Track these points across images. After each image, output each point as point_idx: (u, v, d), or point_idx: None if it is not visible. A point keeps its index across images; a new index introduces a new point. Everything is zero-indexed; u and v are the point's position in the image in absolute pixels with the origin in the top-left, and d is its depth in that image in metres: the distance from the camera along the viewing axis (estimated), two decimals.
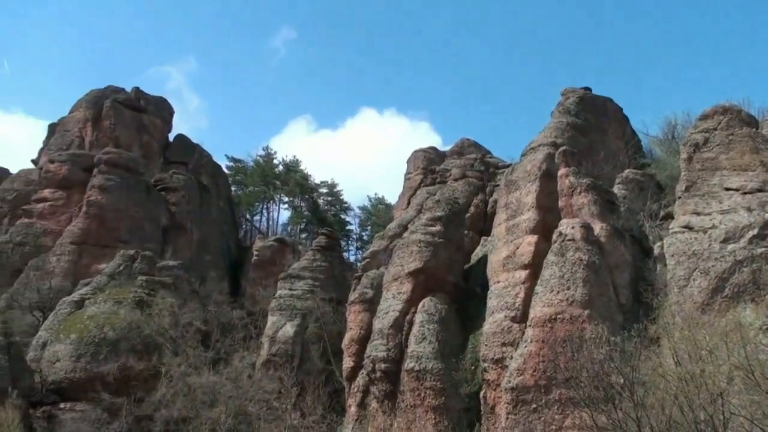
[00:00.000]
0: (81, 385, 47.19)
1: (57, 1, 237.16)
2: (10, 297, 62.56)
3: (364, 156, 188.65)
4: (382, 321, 40.51)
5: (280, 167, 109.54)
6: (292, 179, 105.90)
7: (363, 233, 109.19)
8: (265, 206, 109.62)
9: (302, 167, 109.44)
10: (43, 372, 48.30)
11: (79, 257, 66.96)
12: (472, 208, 53.33)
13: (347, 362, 43.55)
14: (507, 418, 31.58)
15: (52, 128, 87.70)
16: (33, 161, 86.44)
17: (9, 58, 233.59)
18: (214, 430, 38.20)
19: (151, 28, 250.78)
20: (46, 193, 74.22)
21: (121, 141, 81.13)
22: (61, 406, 46.98)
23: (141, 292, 53.86)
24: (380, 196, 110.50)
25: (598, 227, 34.78)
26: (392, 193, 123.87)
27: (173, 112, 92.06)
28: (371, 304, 44.06)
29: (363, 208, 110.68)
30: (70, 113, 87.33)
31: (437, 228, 43.07)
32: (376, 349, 39.66)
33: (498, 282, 36.98)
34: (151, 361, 47.84)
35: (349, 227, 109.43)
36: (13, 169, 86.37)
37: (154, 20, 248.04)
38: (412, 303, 40.59)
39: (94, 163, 72.99)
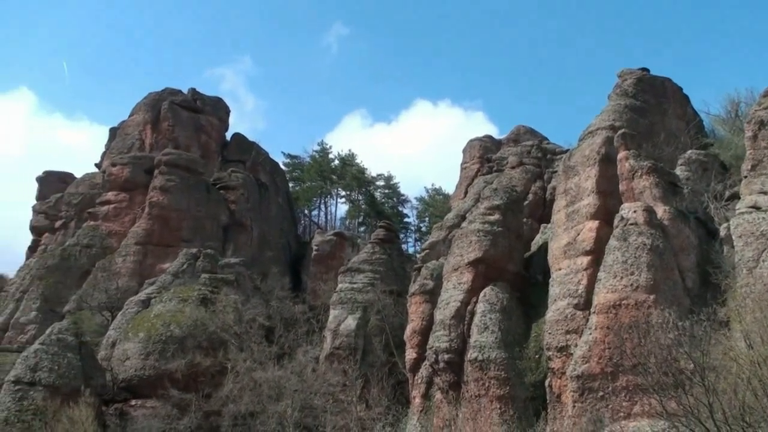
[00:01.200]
0: (150, 382, 48.21)
1: (113, 5, 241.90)
2: (79, 298, 64.42)
3: (420, 148, 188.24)
4: (444, 312, 40.36)
5: (336, 162, 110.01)
6: (348, 173, 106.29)
7: (421, 225, 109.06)
8: (322, 201, 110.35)
9: (358, 161, 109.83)
10: (113, 370, 49.50)
11: (143, 257, 68.48)
12: (530, 196, 52.73)
13: (410, 354, 43.56)
14: (574, 407, 31.21)
15: (113, 132, 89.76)
16: (96, 165, 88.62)
17: (68, 62, 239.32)
18: (281, 424, 38.65)
19: (206, 31, 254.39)
20: (110, 195, 76.02)
21: (180, 142, 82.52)
22: (132, 403, 48.08)
23: (204, 290, 54.77)
24: (437, 187, 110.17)
25: (661, 210, 34.05)
26: (449, 184, 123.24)
27: (229, 112, 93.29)
28: (432, 295, 43.94)
29: (420, 200, 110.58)
30: (129, 117, 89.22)
31: (496, 217, 42.69)
32: (439, 339, 39.55)
33: (559, 269, 36.52)
34: (217, 358, 48.60)
35: (406, 219, 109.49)
36: (78, 174, 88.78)
37: (208, 23, 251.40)
38: (472, 293, 40.32)
39: (154, 165, 74.46)
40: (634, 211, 33.75)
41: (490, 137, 79.91)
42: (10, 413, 40.84)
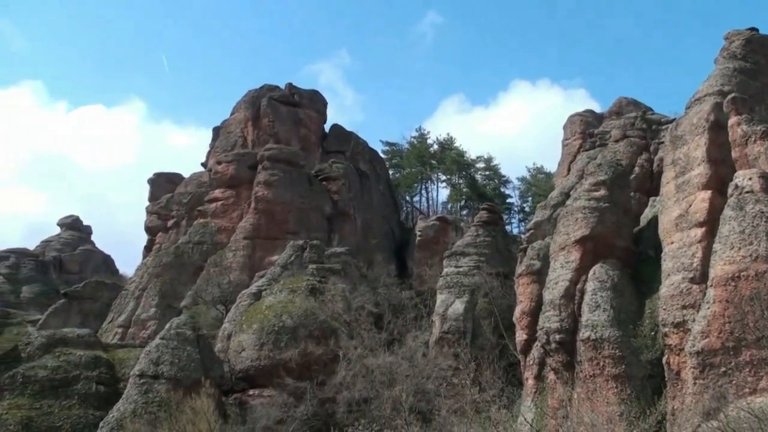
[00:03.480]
0: (266, 372, 49.46)
1: (208, 6, 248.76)
2: (194, 293, 66.76)
3: (520, 128, 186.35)
4: (552, 291, 39.71)
5: (435, 146, 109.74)
6: (448, 157, 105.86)
7: (524, 205, 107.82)
8: (423, 186, 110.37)
9: (457, 144, 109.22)
10: (230, 361, 51.01)
11: (252, 251, 70.34)
12: (636, 169, 51.15)
13: (520, 335, 43.09)
14: (695, 384, 30.20)
15: (217, 131, 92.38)
16: (202, 164, 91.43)
17: (174, 69, 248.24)
18: (396, 409, 38.96)
19: (302, 28, 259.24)
20: (217, 193, 78.31)
21: (281, 136, 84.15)
22: (250, 392, 49.46)
23: (313, 280, 55.72)
24: (539, 166, 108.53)
25: None
26: (551, 162, 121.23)
27: (326, 103, 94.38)
28: (539, 276, 43.26)
29: (522, 180, 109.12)
30: (231, 115, 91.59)
31: (602, 192, 41.62)
32: (549, 320, 38.94)
33: (672, 243, 35.32)
34: (328, 346, 49.40)
35: (509, 200, 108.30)
36: (186, 174, 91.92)
37: (304, 20, 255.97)
38: (581, 271, 39.48)
39: (257, 161, 76.20)
40: (749, 179, 32.25)
41: (591, 111, 78.05)
42: (137, 405, 42.63)
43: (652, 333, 35.65)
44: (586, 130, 70.48)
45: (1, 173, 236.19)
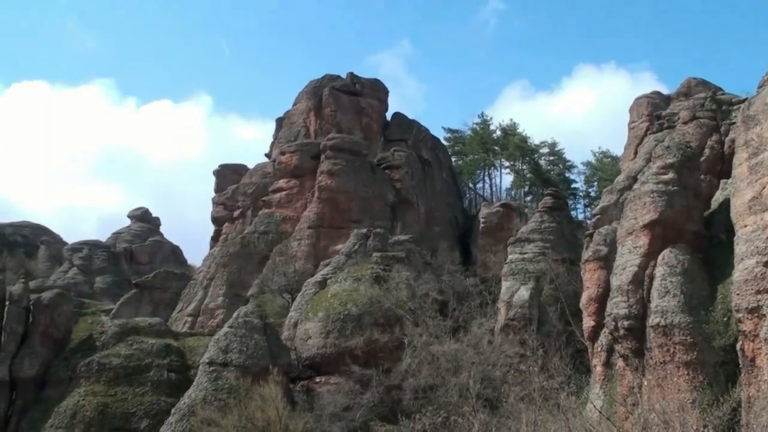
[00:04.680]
0: (332, 360, 49.92)
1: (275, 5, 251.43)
2: (260, 282, 67.81)
3: (585, 112, 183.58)
4: (620, 277, 39.03)
5: (498, 133, 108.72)
6: (510, 143, 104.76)
7: (589, 190, 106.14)
8: (486, 173, 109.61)
9: (520, 130, 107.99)
10: (297, 349, 51.63)
11: (317, 240, 71.05)
12: (706, 151, 49.77)
13: (587, 322, 42.50)
14: None
15: (280, 122, 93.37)
16: (266, 155, 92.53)
17: (237, 63, 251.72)
18: (462, 396, 38.88)
19: (364, 19, 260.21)
20: (281, 183, 79.22)
21: (343, 126, 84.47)
22: (317, 380, 50.00)
23: (377, 268, 55.92)
24: (604, 150, 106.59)
25: None
26: (617, 146, 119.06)
27: (388, 92, 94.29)
28: (606, 261, 42.55)
29: (587, 164, 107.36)
30: (293, 106, 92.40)
31: (670, 176, 40.64)
32: (617, 306, 38.30)
33: (745, 226, 34.28)
34: (393, 333, 49.54)
35: (574, 185, 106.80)
36: (250, 165, 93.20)
37: (366, 11, 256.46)
38: (650, 256, 38.68)
39: (320, 150, 76.71)
40: None
41: (658, 93, 76.29)
42: (207, 392, 43.52)
43: (725, 319, 34.74)
44: (653, 112, 68.89)
45: (77, 169, 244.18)
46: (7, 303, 52.01)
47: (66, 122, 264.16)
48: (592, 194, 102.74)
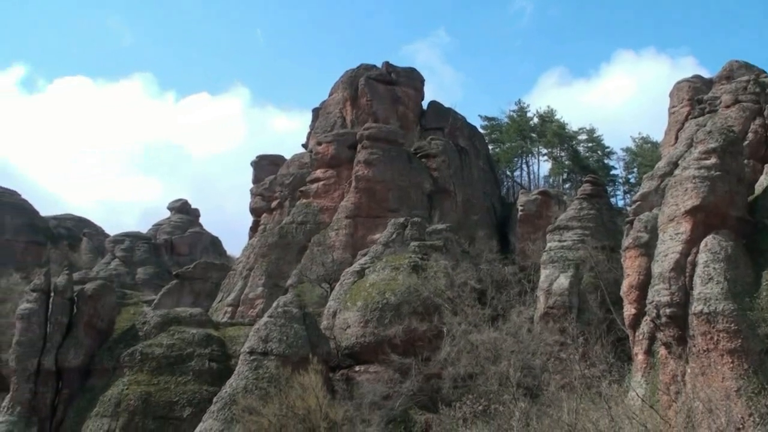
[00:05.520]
0: (371, 349, 49.99)
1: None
2: (299, 272, 68.17)
3: (623, 99, 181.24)
4: (662, 264, 38.50)
5: (535, 120, 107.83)
6: (548, 130, 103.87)
7: (629, 176, 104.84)
8: (524, 161, 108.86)
9: (557, 117, 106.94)
10: (336, 338, 51.79)
11: (354, 230, 71.19)
12: (749, 135, 48.80)
13: (628, 310, 42.01)
14: None
15: (316, 112, 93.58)
16: (303, 145, 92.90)
17: (274, 53, 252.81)
18: (502, 384, 38.74)
19: (400, 9, 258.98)
20: (318, 173, 79.44)
21: (379, 115, 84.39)
22: (357, 368, 50.12)
23: (415, 257, 55.85)
24: (644, 135, 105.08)
25: None
26: (657, 132, 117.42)
27: (423, 81, 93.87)
28: (647, 248, 41.97)
29: (627, 150, 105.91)
30: (329, 96, 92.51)
31: (712, 161, 39.93)
32: (659, 294, 37.81)
33: None
34: (432, 322, 49.45)
35: (613, 172, 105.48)
36: (288, 156, 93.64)
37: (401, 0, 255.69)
38: (692, 243, 38.11)
39: (357, 140, 76.74)
40: None
41: (699, 77, 74.85)
42: (248, 381, 43.91)
43: None
44: (694, 96, 67.62)
45: (118, 163, 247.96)
46: (52, 294, 53.13)
47: (107, 117, 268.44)
48: (632, 181, 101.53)
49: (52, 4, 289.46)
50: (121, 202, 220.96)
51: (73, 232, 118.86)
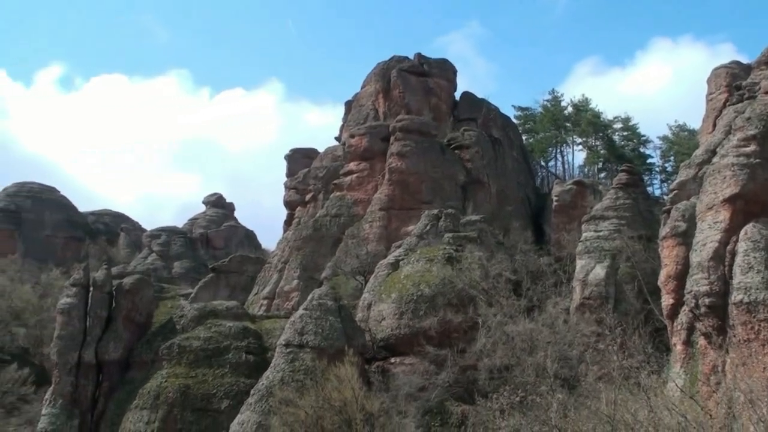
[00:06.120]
0: (406, 340, 49.97)
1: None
2: (334, 265, 68.48)
3: (660, 87, 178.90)
4: (700, 254, 37.99)
5: (569, 109, 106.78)
6: (583, 119, 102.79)
7: (666, 165, 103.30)
8: (558, 150, 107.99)
9: (592, 106, 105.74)
10: (371, 330, 51.92)
11: (388, 222, 71.20)
12: None
13: (666, 300, 41.53)
14: None
15: (349, 105, 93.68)
16: (336, 138, 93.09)
17: (307, 50, 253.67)
18: (539, 375, 38.54)
19: (431, 0, 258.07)
20: (352, 166, 79.54)
21: (412, 107, 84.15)
22: (392, 360, 50.18)
23: (449, 249, 55.70)
24: (681, 123, 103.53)
25: None
26: (694, 120, 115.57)
27: (456, 71, 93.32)
28: (685, 237, 41.44)
29: (664, 138, 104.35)
30: (362, 89, 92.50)
31: (752, 148, 39.25)
32: (697, 283, 37.32)
33: None
34: (467, 314, 49.33)
35: (649, 160, 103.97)
36: (321, 149, 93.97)
37: None
38: (731, 231, 37.53)
39: (390, 132, 76.74)
40: None
41: (737, 63, 73.39)
42: (284, 374, 44.24)
43: None
44: (732, 82, 66.42)
45: (154, 159, 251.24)
46: (92, 289, 53.97)
47: (143, 113, 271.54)
48: (669, 169, 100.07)
49: (89, 4, 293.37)
50: (160, 197, 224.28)
51: (110, 228, 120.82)
